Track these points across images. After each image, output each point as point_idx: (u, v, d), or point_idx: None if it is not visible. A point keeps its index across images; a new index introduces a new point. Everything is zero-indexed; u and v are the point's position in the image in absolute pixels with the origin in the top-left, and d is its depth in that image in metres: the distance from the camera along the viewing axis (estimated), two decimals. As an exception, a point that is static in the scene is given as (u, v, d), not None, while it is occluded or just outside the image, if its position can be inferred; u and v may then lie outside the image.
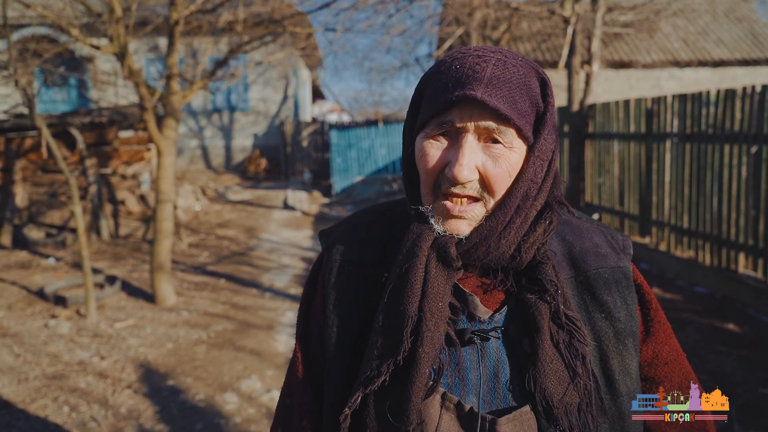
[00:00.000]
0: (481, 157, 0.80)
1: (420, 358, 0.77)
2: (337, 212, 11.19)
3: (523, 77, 0.80)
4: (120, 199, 8.36)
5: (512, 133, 0.80)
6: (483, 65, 0.79)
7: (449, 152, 0.81)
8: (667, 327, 0.94)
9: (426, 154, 0.82)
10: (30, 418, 3.48)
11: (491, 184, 0.80)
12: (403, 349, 0.78)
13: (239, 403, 3.66)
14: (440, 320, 0.79)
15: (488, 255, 0.83)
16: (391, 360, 0.78)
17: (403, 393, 0.78)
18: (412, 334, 0.78)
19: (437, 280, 0.81)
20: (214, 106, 16.11)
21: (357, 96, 37.64)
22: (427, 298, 0.79)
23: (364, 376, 0.80)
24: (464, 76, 0.79)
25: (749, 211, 5.21)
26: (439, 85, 0.82)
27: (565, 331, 0.81)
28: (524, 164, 0.82)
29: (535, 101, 0.82)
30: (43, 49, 6.55)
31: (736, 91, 5.26)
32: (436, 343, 0.78)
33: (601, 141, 7.85)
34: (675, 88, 13.57)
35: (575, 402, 0.79)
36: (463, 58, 0.81)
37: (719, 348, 4.28)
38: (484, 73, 0.78)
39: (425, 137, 0.83)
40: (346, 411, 0.80)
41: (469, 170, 0.79)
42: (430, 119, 0.82)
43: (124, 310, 5.35)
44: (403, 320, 0.79)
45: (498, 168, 0.80)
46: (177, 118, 5.63)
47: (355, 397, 0.80)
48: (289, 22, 6.57)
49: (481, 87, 0.77)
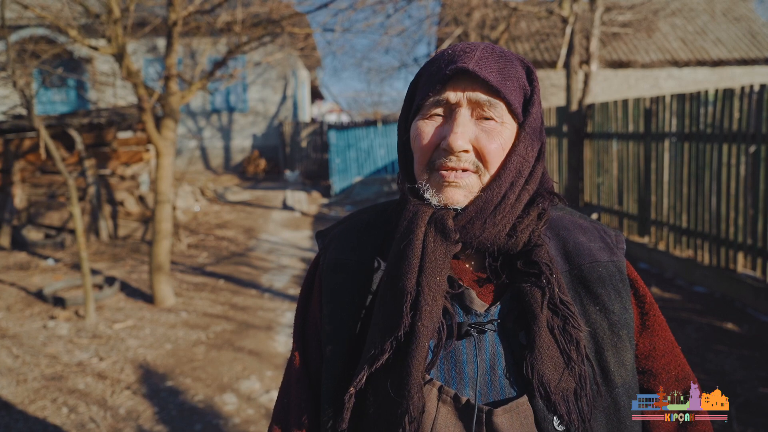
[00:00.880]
0: (475, 131, 0.84)
1: (419, 332, 0.78)
2: (336, 213, 11.19)
3: (510, 63, 0.87)
4: (119, 200, 8.36)
5: (503, 108, 0.84)
6: (473, 48, 0.86)
7: (444, 128, 0.85)
8: (662, 320, 0.95)
9: (421, 131, 0.86)
10: (29, 419, 3.48)
11: (485, 156, 0.83)
12: (404, 324, 0.78)
13: (238, 403, 3.65)
14: (438, 294, 0.80)
15: (484, 232, 0.84)
16: (393, 336, 0.79)
17: (403, 368, 0.78)
18: (411, 309, 0.79)
19: (435, 254, 0.82)
20: (212, 107, 16.10)
21: (356, 96, 37.67)
22: (425, 273, 0.80)
23: (369, 355, 0.80)
24: (456, 56, 0.85)
25: (748, 211, 5.22)
26: (432, 69, 0.88)
27: (560, 317, 0.82)
28: (516, 141, 0.86)
29: (522, 84, 0.87)
30: (42, 50, 6.55)
31: (735, 91, 5.27)
32: (435, 317, 0.79)
33: (599, 141, 7.85)
34: (673, 88, 13.58)
35: (571, 387, 0.80)
36: (454, 47, 0.89)
37: (718, 347, 4.28)
38: (474, 53, 0.85)
39: (420, 118, 0.87)
40: (351, 390, 0.81)
41: (464, 140, 0.82)
42: (425, 100, 0.86)
43: (123, 311, 5.34)
44: (403, 296, 0.80)
45: (492, 142, 0.83)
46: (176, 119, 5.63)
47: (360, 376, 0.80)
48: (287, 23, 6.57)
49: (472, 61, 0.83)
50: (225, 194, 12.26)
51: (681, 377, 0.95)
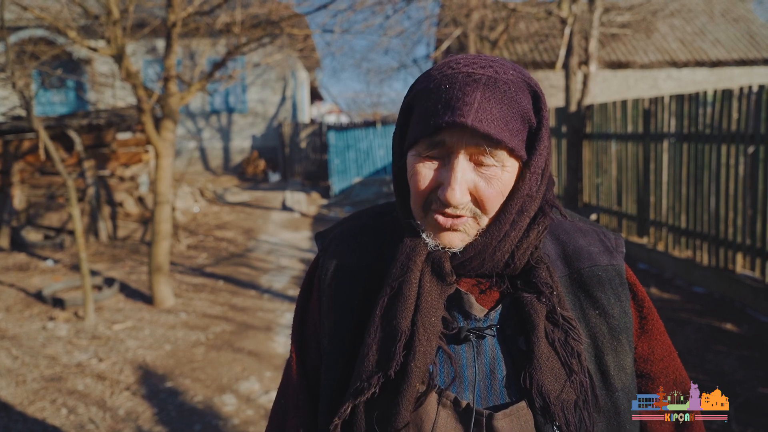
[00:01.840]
0: (473, 178, 0.79)
1: (411, 373, 0.78)
2: (335, 213, 11.19)
3: (515, 95, 0.79)
4: (118, 200, 8.36)
5: (504, 154, 0.79)
6: (473, 86, 0.77)
7: (441, 173, 0.80)
8: (660, 325, 0.95)
9: (417, 173, 0.81)
10: (28, 421, 3.48)
11: (484, 205, 0.80)
12: (395, 363, 0.78)
13: (238, 404, 3.65)
14: (432, 335, 0.80)
15: (482, 267, 0.84)
16: (381, 374, 0.79)
17: (392, 406, 0.79)
18: (404, 349, 0.79)
19: (431, 294, 0.81)
20: (212, 108, 16.10)
21: (355, 97, 37.71)
22: (421, 313, 0.80)
23: (354, 387, 0.80)
24: (454, 98, 0.77)
25: (747, 211, 5.22)
26: (428, 105, 0.80)
27: (561, 330, 0.82)
28: (518, 181, 0.82)
29: (528, 118, 0.80)
30: (41, 51, 6.54)
31: (733, 92, 5.27)
32: (428, 358, 0.79)
33: (598, 141, 7.86)
34: (672, 89, 13.59)
35: (572, 399, 0.80)
36: (453, 77, 0.79)
37: (718, 347, 4.29)
38: (474, 96, 0.76)
39: (416, 156, 0.82)
40: (336, 421, 0.81)
41: (462, 193, 0.78)
42: (420, 139, 0.80)
43: (123, 312, 5.34)
44: (396, 335, 0.79)
45: (490, 189, 0.80)
46: (175, 120, 5.63)
47: (344, 408, 0.80)
48: (286, 24, 6.57)
49: (471, 113, 0.75)
50: (224, 195, 12.26)
51: (679, 381, 0.95)
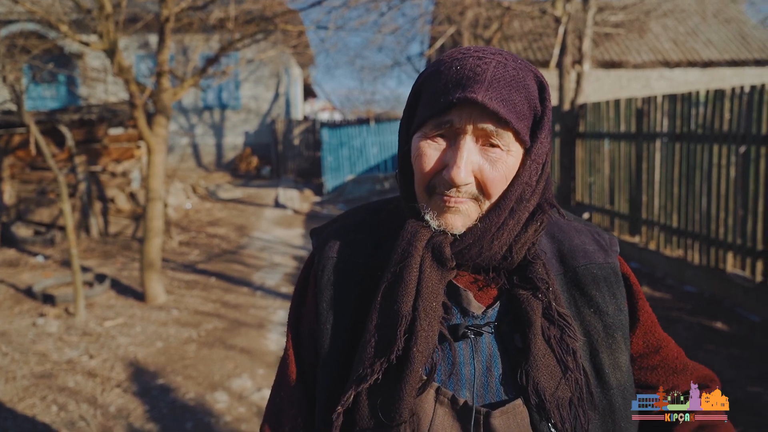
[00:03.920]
0: (479, 160, 0.80)
1: (414, 357, 0.78)
2: (328, 211, 11.17)
3: (523, 80, 0.80)
4: (110, 196, 8.30)
5: (510, 137, 0.80)
6: (483, 67, 0.79)
7: (447, 154, 0.81)
8: (652, 315, 0.97)
9: (423, 154, 0.82)
10: (18, 418, 3.45)
11: (487, 188, 0.81)
12: (397, 348, 0.78)
13: (230, 401, 3.64)
14: (434, 319, 0.80)
15: (480, 255, 0.84)
16: (384, 359, 0.78)
17: (395, 391, 0.78)
18: (406, 333, 0.79)
19: (431, 279, 0.81)
20: (205, 104, 16.02)
21: (349, 94, 37.66)
22: (422, 298, 0.80)
23: (356, 375, 0.80)
24: (465, 77, 0.78)
25: (737, 211, 5.26)
26: (438, 85, 0.81)
27: (557, 327, 0.82)
28: (520, 167, 0.83)
29: (533, 104, 0.81)
30: (32, 46, 6.48)
31: (725, 92, 5.30)
32: (430, 343, 0.79)
33: (591, 140, 7.89)
34: (665, 89, 13.66)
35: (567, 396, 0.80)
36: (463, 59, 0.81)
37: (708, 346, 4.32)
38: (484, 75, 0.78)
39: (422, 137, 0.83)
40: (339, 409, 0.80)
41: (467, 173, 0.79)
42: (428, 119, 0.81)
43: (114, 309, 5.31)
44: (397, 319, 0.79)
45: (495, 172, 0.80)
46: (167, 116, 5.60)
47: (347, 395, 0.80)
48: (280, 20, 6.55)
49: (482, 89, 0.77)
50: (217, 192, 12.21)
51: (680, 369, 0.96)
